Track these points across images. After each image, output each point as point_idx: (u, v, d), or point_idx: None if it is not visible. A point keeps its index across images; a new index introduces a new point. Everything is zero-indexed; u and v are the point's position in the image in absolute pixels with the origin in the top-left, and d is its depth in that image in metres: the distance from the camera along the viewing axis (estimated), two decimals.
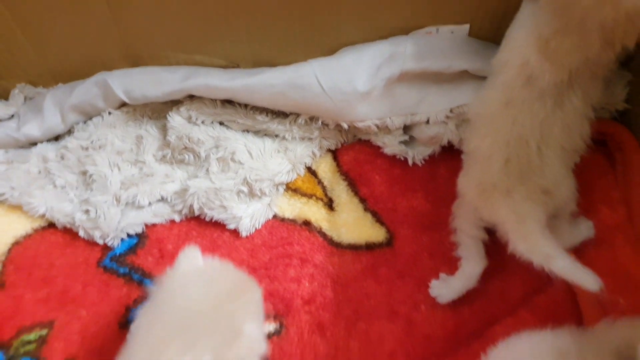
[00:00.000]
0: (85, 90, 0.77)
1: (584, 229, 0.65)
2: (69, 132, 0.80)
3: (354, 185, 0.74)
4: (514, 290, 0.66)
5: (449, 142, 0.71)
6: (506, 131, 0.60)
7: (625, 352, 0.51)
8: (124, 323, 0.68)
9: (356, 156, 0.75)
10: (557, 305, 0.64)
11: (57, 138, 0.80)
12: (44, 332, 0.68)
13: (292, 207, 0.74)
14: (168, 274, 0.56)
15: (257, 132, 0.76)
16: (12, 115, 0.80)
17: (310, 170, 0.76)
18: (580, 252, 0.64)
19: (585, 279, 0.53)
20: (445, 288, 0.65)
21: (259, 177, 0.72)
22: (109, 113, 0.78)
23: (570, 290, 0.64)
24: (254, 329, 0.52)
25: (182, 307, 0.53)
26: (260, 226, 0.73)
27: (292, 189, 0.75)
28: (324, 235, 0.72)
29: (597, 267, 0.54)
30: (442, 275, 0.66)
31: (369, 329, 0.65)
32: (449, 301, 0.65)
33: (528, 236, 0.58)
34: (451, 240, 0.66)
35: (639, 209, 0.66)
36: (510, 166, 0.60)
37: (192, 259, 0.56)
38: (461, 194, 0.65)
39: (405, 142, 0.74)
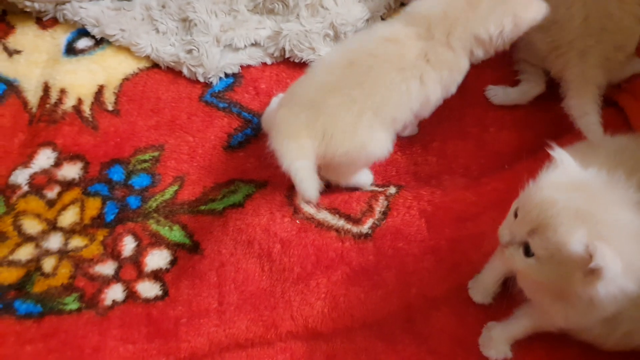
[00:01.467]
0: None
1: (636, 64, 0.75)
2: None
3: None
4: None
5: None
6: None
7: None
8: (227, 147, 0.78)
9: None
10: None
11: None
12: (156, 153, 0.78)
13: None
14: None
15: None
16: None
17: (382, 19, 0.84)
18: None
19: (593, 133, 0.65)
20: (502, 93, 0.76)
21: (344, 21, 0.80)
22: None
23: None
24: None
25: None
26: None
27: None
28: None
29: None
30: (500, 86, 0.77)
31: (444, 146, 0.75)
32: (501, 103, 0.76)
33: (583, 96, 0.68)
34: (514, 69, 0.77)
35: None
36: (590, 23, 0.69)
37: None
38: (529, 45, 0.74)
39: None
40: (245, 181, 0.74)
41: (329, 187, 0.72)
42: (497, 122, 0.76)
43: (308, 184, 0.58)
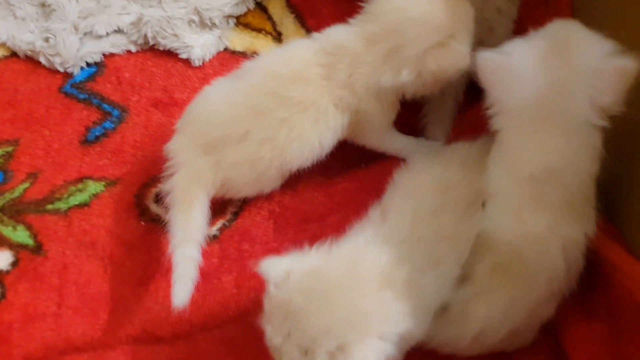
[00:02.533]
0: None
1: None
2: None
3: (301, 17, 0.78)
4: None
5: None
6: None
7: None
8: (84, 141, 0.74)
9: None
10: None
11: None
12: (10, 148, 0.74)
13: (242, 41, 0.78)
14: None
15: None
16: None
17: (260, 7, 0.79)
18: None
19: None
20: None
21: (209, 6, 0.75)
22: None
23: None
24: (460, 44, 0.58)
25: None
26: (211, 57, 0.77)
27: (242, 23, 0.78)
28: None
29: None
30: None
31: None
32: None
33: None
34: None
35: None
36: None
37: None
38: None
39: None
40: (95, 179, 0.71)
41: None
42: None
43: (182, 289, 0.55)
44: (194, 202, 0.60)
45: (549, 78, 0.52)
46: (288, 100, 0.60)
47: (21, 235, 0.68)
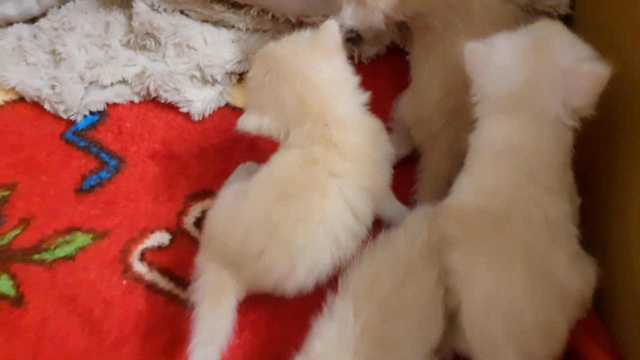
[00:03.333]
0: None
1: None
2: (43, 14, 0.84)
3: None
4: None
5: (392, 43, 0.74)
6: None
7: None
8: (79, 190, 0.74)
9: None
10: None
11: (32, 20, 0.85)
12: (6, 193, 0.74)
13: (244, 97, 0.77)
14: None
15: (215, 23, 0.79)
16: None
17: None
18: None
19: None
20: None
21: (210, 63, 0.75)
22: None
23: None
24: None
25: None
26: (212, 112, 0.77)
27: (245, 79, 0.78)
28: None
29: None
30: None
31: None
32: None
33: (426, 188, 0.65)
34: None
35: None
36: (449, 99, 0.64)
37: None
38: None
39: (352, 40, 0.76)
40: (84, 230, 0.70)
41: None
42: None
43: None
44: (222, 302, 0.58)
45: (526, 73, 0.54)
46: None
47: (4, 285, 0.68)
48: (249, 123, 0.60)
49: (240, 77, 0.78)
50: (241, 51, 0.76)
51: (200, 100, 0.75)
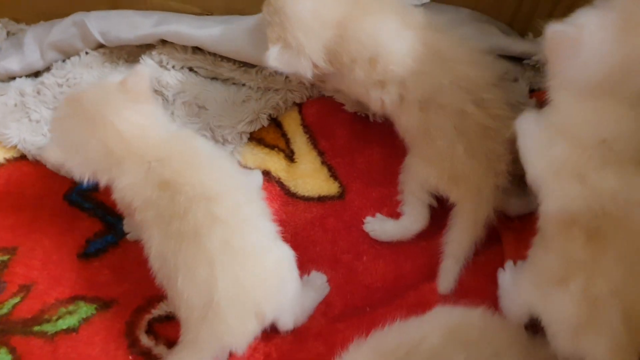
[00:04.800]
0: (63, 29, 0.79)
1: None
2: (47, 69, 0.82)
3: (314, 138, 0.75)
4: None
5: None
6: None
7: None
8: (82, 254, 0.71)
9: (320, 109, 0.76)
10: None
11: (36, 74, 0.83)
12: (6, 257, 0.71)
13: (255, 157, 0.75)
14: None
15: (225, 81, 0.77)
16: None
17: (275, 122, 0.77)
18: None
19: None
20: (379, 228, 0.67)
21: (221, 123, 0.73)
22: (86, 53, 0.81)
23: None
24: None
25: None
26: None
27: (256, 139, 0.76)
28: (281, 185, 0.73)
29: None
30: (379, 214, 0.69)
31: None
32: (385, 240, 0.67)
33: (464, 237, 0.63)
34: (399, 198, 0.68)
35: None
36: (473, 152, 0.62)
37: None
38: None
39: None
40: (88, 299, 0.67)
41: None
42: (372, 249, 0.68)
43: None
44: None
45: (623, 55, 0.50)
46: None
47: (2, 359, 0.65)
48: (52, 155, 0.61)
49: (251, 135, 0.76)
50: (253, 111, 0.74)
51: None
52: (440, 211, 0.67)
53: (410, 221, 0.65)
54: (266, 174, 0.74)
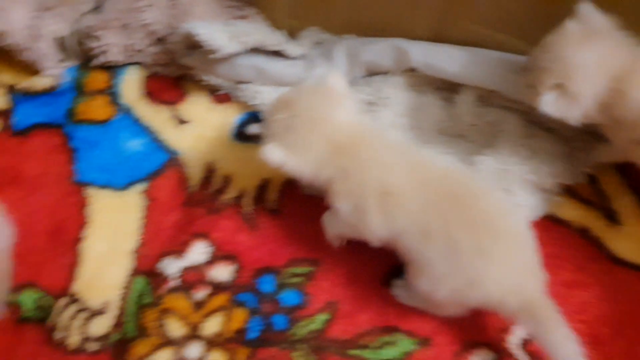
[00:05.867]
0: (381, 51, 0.78)
1: None
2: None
3: None
4: None
5: None
6: None
7: None
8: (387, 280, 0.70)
9: None
10: None
11: None
12: (311, 268, 0.71)
13: (569, 211, 0.72)
14: None
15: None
16: (300, 56, 0.82)
17: (591, 178, 0.74)
18: None
19: None
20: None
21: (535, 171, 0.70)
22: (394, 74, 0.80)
23: None
24: None
25: None
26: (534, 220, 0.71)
27: (571, 191, 0.73)
28: (599, 245, 0.70)
29: None
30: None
31: None
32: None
33: None
34: None
35: None
36: None
37: None
38: None
39: None
40: (405, 332, 0.66)
41: None
42: None
43: None
44: None
45: None
46: None
47: None
48: (274, 155, 0.62)
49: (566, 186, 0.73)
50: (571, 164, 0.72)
51: (529, 206, 0.70)
52: None
53: None
54: (583, 231, 0.71)
